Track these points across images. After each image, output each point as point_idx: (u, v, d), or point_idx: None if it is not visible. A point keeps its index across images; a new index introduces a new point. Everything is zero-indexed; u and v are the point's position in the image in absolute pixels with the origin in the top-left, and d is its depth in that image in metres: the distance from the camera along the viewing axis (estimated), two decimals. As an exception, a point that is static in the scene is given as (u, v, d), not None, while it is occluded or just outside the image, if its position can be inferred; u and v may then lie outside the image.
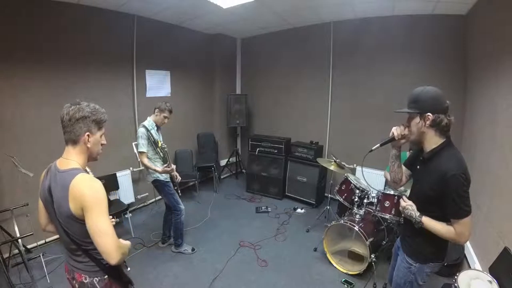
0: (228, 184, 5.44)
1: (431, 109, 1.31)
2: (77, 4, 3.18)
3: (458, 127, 3.34)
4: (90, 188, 1.11)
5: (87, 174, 1.17)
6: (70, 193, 1.10)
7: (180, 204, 2.98)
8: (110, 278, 1.28)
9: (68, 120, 1.16)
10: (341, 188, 3.14)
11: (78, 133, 1.18)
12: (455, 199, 1.25)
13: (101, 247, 1.09)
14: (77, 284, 1.26)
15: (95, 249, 1.15)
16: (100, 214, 1.09)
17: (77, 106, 1.18)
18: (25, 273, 2.59)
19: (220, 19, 4.20)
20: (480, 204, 2.46)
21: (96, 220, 1.08)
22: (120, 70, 3.85)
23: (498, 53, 2.37)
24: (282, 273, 2.83)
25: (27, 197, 2.81)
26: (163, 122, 2.91)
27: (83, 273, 1.24)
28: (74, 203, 1.10)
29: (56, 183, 1.16)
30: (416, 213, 1.41)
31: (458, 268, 2.56)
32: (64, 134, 1.20)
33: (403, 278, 1.54)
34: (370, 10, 3.68)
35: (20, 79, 2.91)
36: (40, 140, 3.08)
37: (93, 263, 1.23)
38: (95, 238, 1.09)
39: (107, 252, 1.09)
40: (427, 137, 1.37)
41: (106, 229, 1.09)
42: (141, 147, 2.71)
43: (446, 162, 1.30)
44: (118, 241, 1.13)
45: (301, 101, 4.91)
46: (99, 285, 1.25)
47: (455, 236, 1.29)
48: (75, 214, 1.11)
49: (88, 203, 1.08)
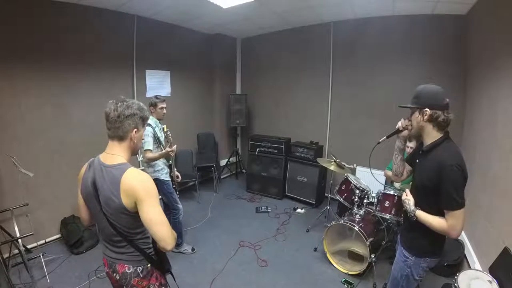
0: (228, 184, 5.44)
1: (429, 105, 1.38)
2: (77, 4, 3.17)
3: (458, 127, 3.34)
4: (141, 182, 1.16)
5: (135, 168, 1.21)
6: (122, 187, 1.14)
7: (179, 204, 2.98)
8: (153, 266, 1.33)
9: (117, 117, 1.18)
10: (341, 188, 3.14)
11: (126, 130, 1.21)
12: (449, 189, 1.28)
13: (158, 234, 1.14)
14: (118, 276, 1.30)
15: (141, 239, 1.26)
16: (153, 204, 1.15)
17: (125, 103, 1.20)
18: (25, 273, 2.59)
19: (220, 19, 4.20)
20: (480, 204, 2.46)
21: (152, 211, 1.14)
22: (120, 70, 3.85)
23: (498, 53, 2.37)
24: (282, 273, 2.83)
25: (27, 197, 2.81)
26: (163, 113, 2.90)
27: (126, 263, 1.28)
28: (126, 196, 1.14)
29: (103, 178, 1.19)
30: (412, 207, 1.47)
31: (458, 268, 2.56)
32: (109, 129, 1.22)
33: (400, 271, 1.57)
34: (370, 10, 3.69)
35: (20, 79, 2.91)
36: (40, 140, 3.09)
37: (138, 252, 1.27)
38: (151, 227, 1.14)
39: (164, 239, 1.15)
40: (426, 131, 1.44)
41: (162, 219, 1.16)
42: (147, 145, 2.70)
43: (444, 153, 1.35)
44: (171, 228, 1.20)
45: (301, 101, 4.91)
46: (142, 273, 1.30)
47: (447, 228, 1.32)
48: (127, 207, 1.15)
49: (141, 196, 1.13)
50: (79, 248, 3.06)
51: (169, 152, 2.69)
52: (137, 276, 1.29)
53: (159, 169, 2.86)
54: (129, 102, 1.22)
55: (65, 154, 3.26)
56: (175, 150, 2.76)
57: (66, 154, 3.27)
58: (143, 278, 1.30)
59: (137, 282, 1.29)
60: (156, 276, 1.36)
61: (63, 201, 3.27)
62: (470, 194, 1.27)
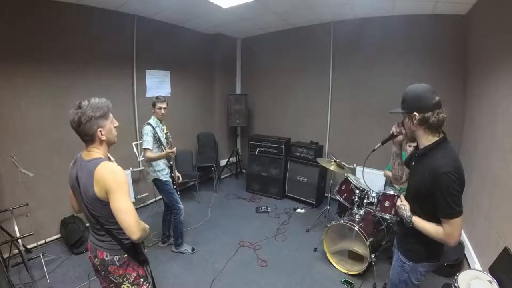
0: (228, 184, 5.44)
1: (416, 108, 1.33)
2: (77, 4, 3.18)
3: (458, 127, 3.34)
4: (111, 173, 1.25)
5: (109, 162, 1.30)
6: (95, 179, 1.24)
7: (180, 204, 2.98)
8: (129, 256, 1.40)
9: (77, 126, 1.26)
10: (341, 188, 3.14)
11: (91, 133, 1.28)
12: (446, 198, 1.24)
13: (124, 223, 1.22)
14: (98, 261, 1.39)
15: (118, 229, 1.31)
16: (122, 194, 1.23)
17: (79, 111, 1.25)
18: (25, 273, 2.59)
19: (220, 19, 4.20)
20: (480, 204, 2.45)
21: (119, 200, 1.22)
22: (120, 70, 3.85)
23: (498, 53, 2.37)
24: (282, 273, 2.83)
25: (27, 197, 2.81)
26: (162, 114, 2.89)
27: (105, 251, 1.37)
28: (98, 186, 1.24)
29: (82, 171, 1.30)
30: (408, 213, 1.43)
31: (458, 268, 2.56)
32: (79, 136, 1.31)
33: (398, 277, 1.56)
34: (370, 10, 3.69)
35: (20, 79, 2.91)
36: (40, 140, 3.09)
37: (115, 242, 1.36)
38: (118, 216, 1.22)
39: (129, 228, 1.22)
40: (418, 135, 1.40)
41: (127, 208, 1.23)
42: (146, 144, 2.71)
43: (438, 160, 1.29)
44: (138, 219, 1.26)
45: (301, 101, 4.91)
46: (118, 262, 1.38)
47: (444, 236, 1.28)
48: (99, 196, 1.24)
49: (111, 186, 1.22)
50: (79, 248, 3.06)
51: (169, 153, 2.69)
52: (113, 264, 1.38)
53: (159, 169, 2.87)
54: (84, 107, 1.25)
55: (65, 154, 3.25)
56: (175, 152, 2.76)
57: (66, 154, 3.24)
58: (119, 267, 1.39)
59: (114, 269, 1.38)
60: (133, 267, 1.43)
61: (63, 201, 3.25)
62: (470, 194, 1.26)
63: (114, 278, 1.40)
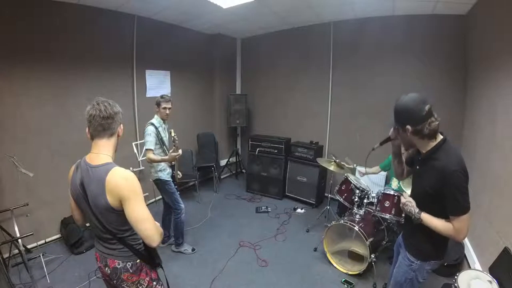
0: (228, 184, 5.44)
1: (408, 122, 1.35)
2: (77, 4, 3.17)
3: (458, 127, 3.33)
4: (125, 180, 1.18)
5: (118, 167, 1.23)
6: (107, 188, 1.17)
7: (181, 203, 2.98)
8: (142, 261, 1.36)
9: (107, 117, 1.23)
10: (341, 188, 3.14)
11: (115, 126, 1.29)
12: (456, 195, 1.27)
13: (144, 232, 1.18)
14: (109, 270, 1.33)
15: (130, 236, 1.29)
16: (138, 202, 1.18)
17: (109, 103, 1.27)
18: (25, 273, 2.59)
19: (220, 19, 4.20)
20: (480, 204, 2.46)
21: (136, 209, 1.17)
22: (120, 70, 3.85)
23: (498, 53, 2.37)
24: (282, 273, 2.83)
25: (27, 197, 2.81)
26: (166, 114, 2.85)
27: (116, 258, 1.31)
28: (111, 195, 1.17)
29: (89, 178, 1.21)
30: (416, 209, 1.44)
31: (458, 268, 2.56)
32: (95, 131, 1.25)
33: (404, 276, 1.55)
34: (370, 10, 3.68)
35: (20, 79, 2.91)
36: (40, 140, 3.09)
37: (127, 249, 1.31)
38: (137, 226, 1.18)
39: (150, 236, 1.18)
40: (417, 143, 1.43)
41: (146, 216, 1.19)
42: (149, 145, 2.67)
43: (445, 159, 1.32)
44: (157, 225, 1.23)
45: (301, 101, 4.91)
46: (131, 269, 1.33)
47: (454, 232, 1.31)
48: (112, 206, 1.18)
49: (125, 194, 1.16)
50: (79, 248, 3.06)
51: (175, 156, 2.64)
52: (126, 272, 1.32)
53: (161, 169, 2.86)
54: (110, 102, 1.28)
55: (65, 154, 3.25)
56: (180, 154, 2.72)
57: (66, 154, 3.27)
58: (132, 274, 1.34)
59: (127, 277, 1.33)
60: (146, 271, 1.39)
61: (63, 201, 3.24)
62: (470, 194, 1.26)
63: (127, 285, 1.34)
